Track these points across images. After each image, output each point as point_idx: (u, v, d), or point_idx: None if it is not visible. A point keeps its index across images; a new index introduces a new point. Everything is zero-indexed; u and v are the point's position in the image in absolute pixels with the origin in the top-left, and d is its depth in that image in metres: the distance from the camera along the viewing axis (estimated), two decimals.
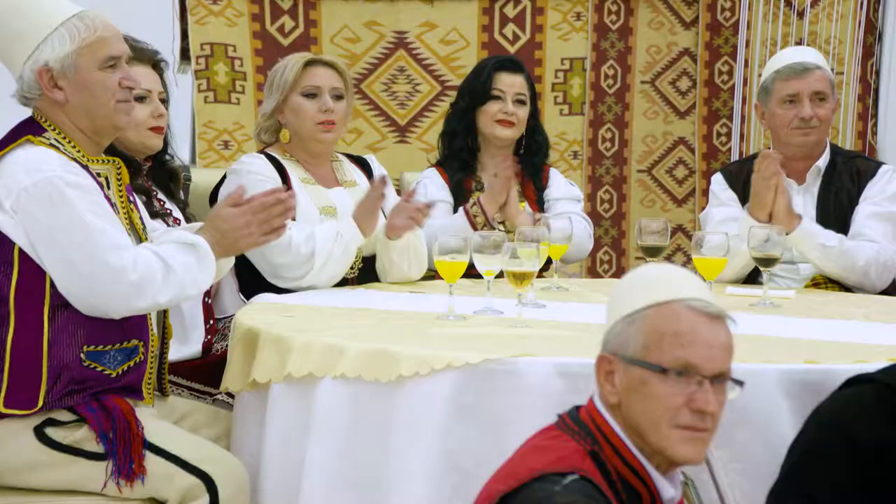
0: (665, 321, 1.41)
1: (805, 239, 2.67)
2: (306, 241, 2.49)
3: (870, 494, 1.58)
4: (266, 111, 2.64)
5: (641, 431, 1.42)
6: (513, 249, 2.17)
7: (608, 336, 1.47)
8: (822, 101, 2.77)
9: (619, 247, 3.81)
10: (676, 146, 3.79)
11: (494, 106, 2.91)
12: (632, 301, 1.44)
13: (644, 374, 1.40)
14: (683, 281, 1.44)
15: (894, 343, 1.92)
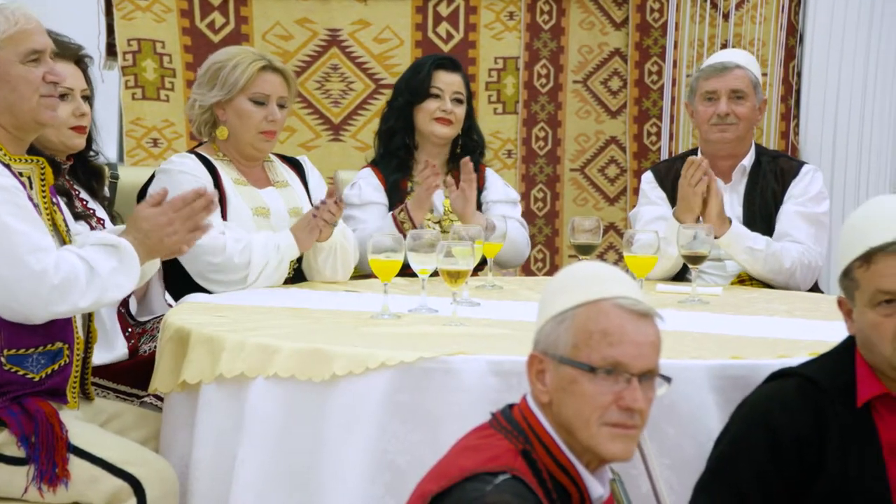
0: (593, 320, 1.42)
1: (734, 242, 2.73)
2: (242, 251, 2.47)
3: (790, 485, 1.62)
4: (203, 104, 2.58)
5: (572, 429, 1.43)
6: (447, 248, 2.17)
7: (539, 335, 1.48)
8: (739, 100, 2.82)
9: (552, 245, 3.84)
10: (608, 145, 3.84)
11: (433, 104, 2.91)
12: (561, 300, 1.45)
13: (574, 373, 1.41)
14: (611, 279, 1.46)
15: (815, 338, 1.97)
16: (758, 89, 2.86)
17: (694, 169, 2.70)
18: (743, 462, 1.65)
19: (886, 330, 1.57)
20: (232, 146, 2.62)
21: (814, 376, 1.67)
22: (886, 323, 1.57)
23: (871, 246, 1.57)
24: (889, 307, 1.56)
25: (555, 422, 1.45)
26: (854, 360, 1.66)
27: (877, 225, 1.59)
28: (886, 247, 1.56)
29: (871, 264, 1.57)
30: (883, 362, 1.60)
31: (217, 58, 2.61)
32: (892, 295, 1.56)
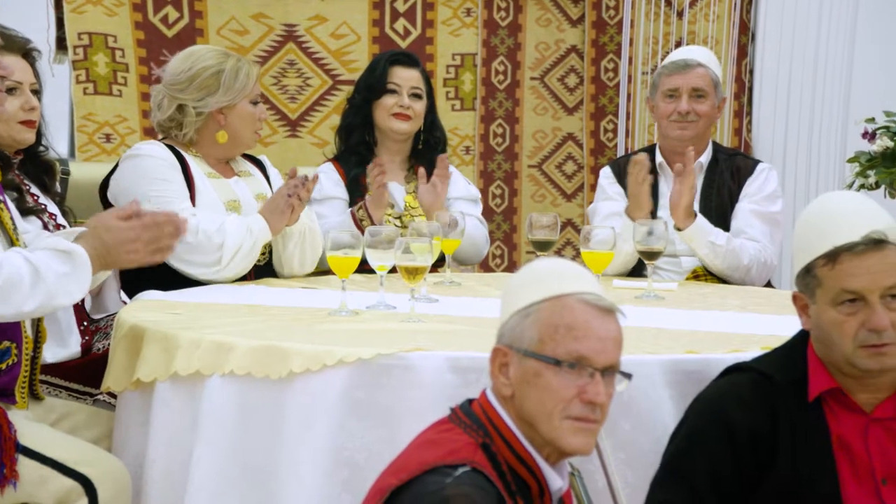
0: (559, 314, 1.43)
1: (697, 236, 2.76)
2: (217, 231, 2.46)
3: (744, 478, 1.65)
4: (203, 109, 2.56)
5: (534, 422, 1.44)
6: (405, 244, 2.17)
7: (503, 329, 1.48)
8: (700, 98, 2.86)
9: (510, 241, 3.86)
10: (565, 142, 3.86)
11: (390, 100, 2.90)
12: (526, 295, 1.45)
13: (538, 366, 1.42)
14: (576, 275, 1.47)
15: (768, 332, 1.99)
16: (718, 88, 2.89)
17: (639, 168, 2.73)
18: (698, 457, 1.67)
19: (848, 328, 1.59)
20: (224, 147, 2.61)
21: (767, 371, 1.69)
22: (849, 321, 1.59)
23: (836, 245, 1.59)
24: (852, 306, 1.58)
25: (516, 415, 1.45)
26: (806, 355, 1.68)
27: (842, 224, 1.60)
28: (853, 247, 1.57)
29: (837, 264, 1.59)
30: (840, 359, 1.62)
31: (204, 62, 2.58)
32: (856, 295, 1.58)
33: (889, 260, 1.57)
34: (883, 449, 1.62)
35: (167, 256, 1.95)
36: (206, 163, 2.62)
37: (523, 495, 1.43)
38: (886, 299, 1.57)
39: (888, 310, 1.57)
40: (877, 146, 2.82)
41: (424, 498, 1.38)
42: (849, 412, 1.65)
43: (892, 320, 1.57)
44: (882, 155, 2.81)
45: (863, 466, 1.62)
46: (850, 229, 1.59)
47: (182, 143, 2.62)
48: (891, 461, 1.62)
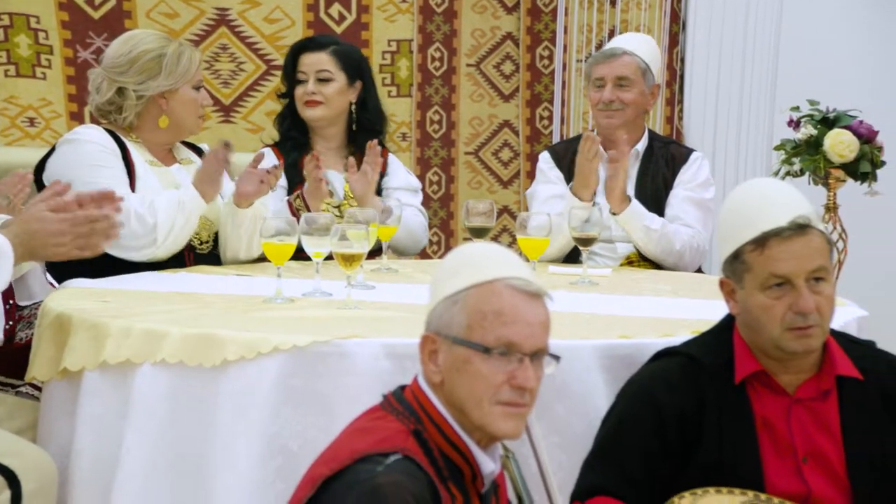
0: (487, 301, 1.42)
1: (631, 220, 2.80)
2: (148, 211, 2.43)
3: (673, 460, 1.69)
4: (144, 93, 2.52)
5: (464, 408, 1.44)
6: (342, 231, 2.16)
7: (431, 316, 1.48)
8: (624, 86, 2.89)
9: (447, 228, 3.86)
10: (502, 129, 3.88)
11: (300, 89, 2.87)
12: (454, 281, 1.45)
13: (467, 353, 1.42)
14: (503, 260, 1.47)
15: (698, 317, 2.03)
16: (647, 75, 2.91)
17: (590, 143, 2.76)
18: (629, 439, 1.70)
19: (776, 312, 1.63)
20: (166, 132, 2.57)
21: (695, 355, 1.73)
22: (777, 305, 1.63)
23: (764, 230, 1.62)
24: (780, 290, 1.62)
25: (447, 401, 1.46)
26: (732, 339, 1.72)
27: (769, 210, 1.63)
28: (781, 232, 1.61)
29: (765, 249, 1.62)
30: (768, 342, 1.66)
31: (146, 45, 2.53)
32: (784, 279, 1.62)
33: (813, 244, 1.61)
34: (804, 428, 1.67)
35: (96, 254, 1.90)
36: (148, 150, 2.58)
37: (455, 481, 1.44)
38: (811, 282, 1.61)
39: (813, 293, 1.61)
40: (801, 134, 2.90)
41: (356, 487, 1.38)
42: (772, 393, 1.69)
43: (816, 303, 1.61)
44: (806, 143, 2.89)
45: (785, 445, 1.67)
46: (776, 215, 1.62)
47: (122, 127, 2.58)
48: (811, 440, 1.67)
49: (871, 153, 2.87)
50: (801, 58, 3.65)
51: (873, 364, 1.71)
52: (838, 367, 1.68)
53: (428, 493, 1.38)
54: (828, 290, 1.62)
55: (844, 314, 2.08)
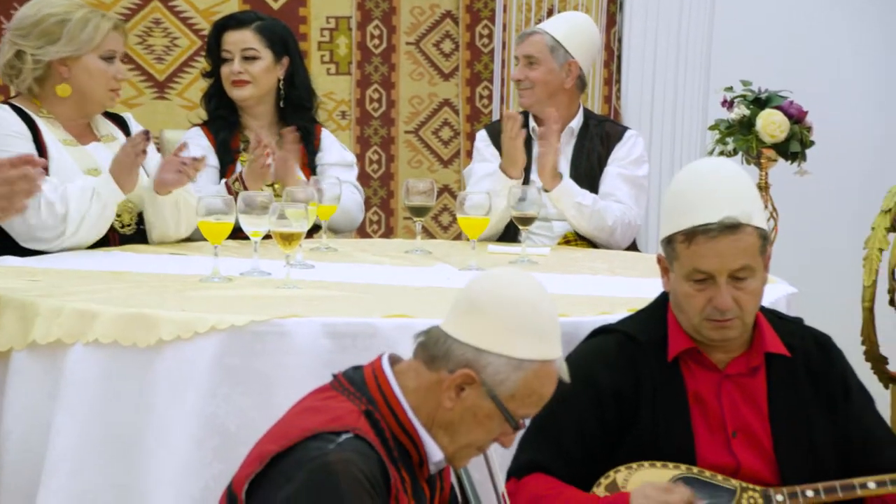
0: (542, 383, 1.45)
1: (563, 197, 2.83)
2: (60, 200, 2.35)
3: (609, 435, 1.72)
4: (41, 58, 2.43)
5: (451, 433, 1.46)
6: (280, 210, 2.14)
7: (481, 357, 1.42)
8: (531, 65, 2.90)
9: (387, 207, 3.85)
10: (442, 108, 3.87)
11: (226, 68, 2.82)
12: (524, 344, 1.42)
13: (495, 412, 1.43)
14: (558, 331, 1.47)
15: (634, 295, 2.06)
16: (556, 52, 2.90)
17: (511, 122, 2.77)
18: (566, 416, 1.72)
19: (697, 302, 1.67)
20: (73, 103, 2.49)
21: (631, 332, 1.76)
22: (698, 296, 1.67)
23: (694, 225, 1.65)
24: (703, 283, 1.66)
25: (429, 408, 1.45)
26: (667, 316, 1.75)
27: (701, 203, 1.66)
28: (707, 230, 1.64)
29: (693, 244, 1.65)
30: (689, 327, 1.71)
31: (52, 9, 2.45)
32: (706, 275, 1.65)
33: (739, 245, 1.64)
34: (734, 403, 1.71)
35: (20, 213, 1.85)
36: (61, 127, 2.50)
37: (405, 463, 1.45)
38: (733, 280, 1.65)
39: (734, 288, 1.65)
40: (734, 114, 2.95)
41: (306, 464, 1.37)
42: (704, 370, 1.73)
43: (735, 297, 1.65)
44: (739, 122, 2.94)
45: (715, 420, 1.71)
46: (709, 211, 1.65)
47: (26, 98, 2.49)
48: (740, 414, 1.71)
49: (801, 133, 2.94)
50: (734, 38, 3.71)
51: (801, 340, 1.76)
52: (767, 345, 1.72)
53: (378, 473, 1.39)
54: (752, 286, 1.65)
55: (774, 291, 2.14)
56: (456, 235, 3.68)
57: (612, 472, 1.68)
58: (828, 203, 3.52)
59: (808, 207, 3.44)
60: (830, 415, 1.71)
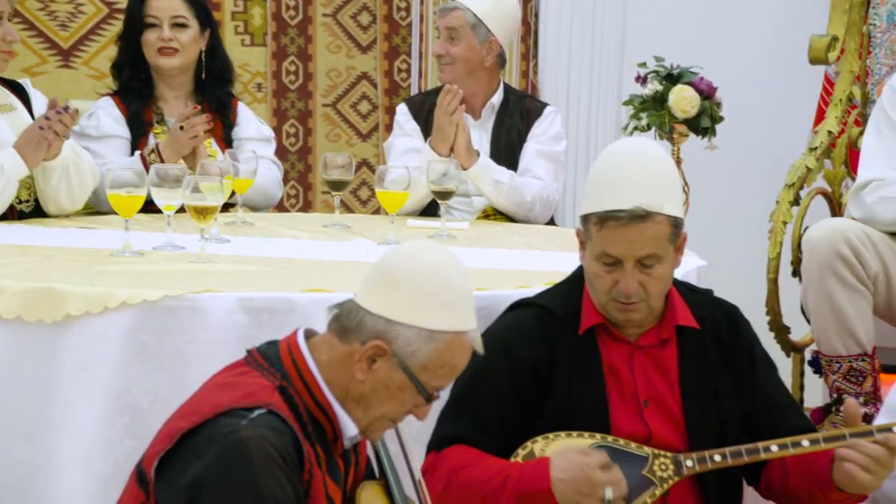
0: (454, 355, 1.44)
1: (480, 174, 2.84)
2: None
3: (527, 407, 1.75)
4: None
5: (364, 405, 1.45)
6: (194, 183, 2.09)
7: (392, 328, 1.42)
8: (453, 39, 2.89)
9: (305, 181, 3.81)
10: (360, 81, 3.83)
11: (152, 35, 2.73)
12: (437, 316, 1.41)
13: (409, 385, 1.43)
14: (473, 302, 1.46)
15: (551, 269, 2.09)
16: (478, 29, 2.90)
17: (451, 97, 2.77)
18: (484, 389, 1.74)
19: (605, 283, 1.71)
20: None
21: (548, 305, 1.79)
22: (606, 278, 1.71)
23: (607, 210, 1.68)
24: (611, 266, 1.70)
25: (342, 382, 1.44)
26: (582, 290, 1.79)
27: (616, 189, 1.69)
28: (618, 217, 1.67)
29: (604, 228, 1.69)
30: (597, 304, 1.75)
31: None
32: (614, 259, 1.69)
33: (647, 233, 1.68)
34: (646, 374, 1.76)
35: None
36: None
37: (319, 439, 1.44)
38: (640, 266, 1.69)
39: (641, 273, 1.69)
40: (648, 90, 3.00)
41: (217, 440, 1.36)
42: (617, 342, 1.77)
43: (642, 282, 1.69)
44: (652, 98, 2.99)
45: (628, 390, 1.75)
46: (622, 197, 1.68)
47: None
48: (652, 384, 1.76)
49: (711, 109, 3.01)
50: (648, 14, 3.76)
51: (710, 311, 1.81)
52: (678, 318, 1.77)
53: (291, 448, 1.38)
54: (659, 272, 1.69)
55: (686, 264, 2.19)
56: (375, 210, 3.66)
57: (530, 442, 1.71)
58: (737, 178, 3.62)
59: (719, 182, 3.53)
60: (737, 383, 1.77)
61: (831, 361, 2.46)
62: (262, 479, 1.33)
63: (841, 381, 2.45)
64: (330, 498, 1.43)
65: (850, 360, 2.43)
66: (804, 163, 2.75)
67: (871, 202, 2.43)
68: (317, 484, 1.40)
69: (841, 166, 2.84)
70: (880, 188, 2.43)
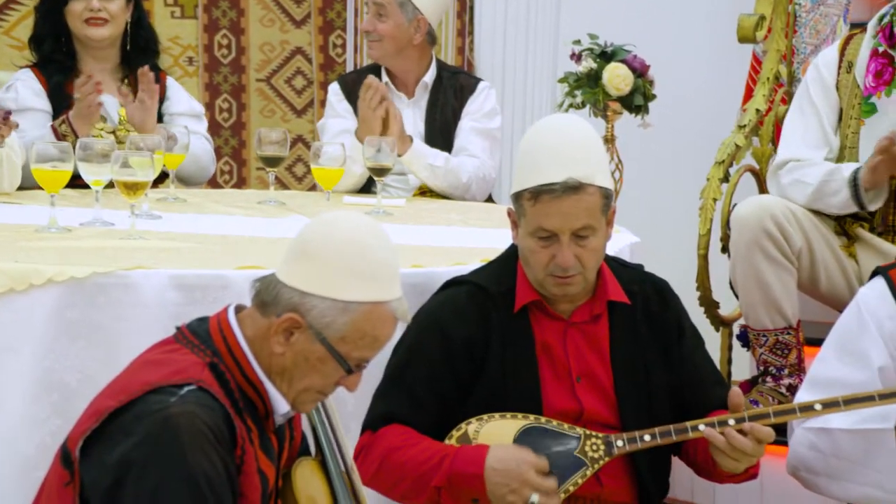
0: (373, 324, 1.42)
1: (415, 160, 2.84)
2: None
3: (460, 384, 1.76)
4: None
5: (287, 379, 1.44)
6: (123, 158, 2.05)
7: (307, 301, 1.40)
8: (381, 16, 2.88)
9: (239, 157, 3.76)
10: (294, 56, 3.78)
11: (78, 5, 2.66)
12: (352, 286, 1.40)
13: (328, 357, 1.41)
14: (396, 270, 1.45)
15: (487, 245, 2.10)
16: (406, 7, 2.88)
17: (372, 92, 2.75)
18: (419, 366, 1.75)
19: (541, 258, 1.72)
20: None
21: (482, 283, 1.80)
22: (542, 252, 1.72)
23: (540, 184, 1.69)
24: (547, 241, 1.71)
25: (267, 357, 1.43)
26: (516, 268, 1.80)
27: (547, 163, 1.70)
28: (552, 190, 1.68)
29: (538, 202, 1.70)
30: (534, 281, 1.76)
31: None
32: (550, 233, 1.71)
33: (582, 205, 1.70)
34: (579, 350, 1.78)
35: None
36: None
37: (251, 415, 1.43)
38: (576, 238, 1.71)
39: (576, 246, 1.71)
40: (582, 67, 3.03)
41: (146, 418, 1.34)
42: (550, 319, 1.79)
43: (577, 254, 1.71)
44: (587, 76, 3.01)
45: (561, 366, 1.77)
46: (554, 171, 1.69)
47: None
48: (584, 360, 1.78)
49: (644, 87, 3.05)
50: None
51: (641, 286, 1.84)
52: (610, 293, 1.79)
53: (223, 425, 1.37)
54: (593, 244, 1.72)
55: (619, 241, 2.23)
56: (311, 187, 3.63)
57: (464, 424, 1.72)
58: (669, 155, 3.68)
59: (651, 160, 3.59)
60: (666, 356, 1.81)
61: (758, 335, 2.53)
62: (193, 456, 1.32)
63: (767, 354, 2.52)
64: (263, 474, 1.42)
65: (776, 334, 2.49)
66: (733, 140, 2.81)
67: (786, 183, 2.50)
68: (249, 460, 1.40)
69: (768, 144, 2.91)
70: (796, 169, 2.49)
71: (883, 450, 1.65)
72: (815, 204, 2.47)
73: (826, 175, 2.45)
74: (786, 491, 2.37)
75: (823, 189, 2.44)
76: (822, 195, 2.45)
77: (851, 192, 2.41)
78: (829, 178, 2.44)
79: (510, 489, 1.64)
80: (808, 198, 2.46)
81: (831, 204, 2.46)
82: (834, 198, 2.44)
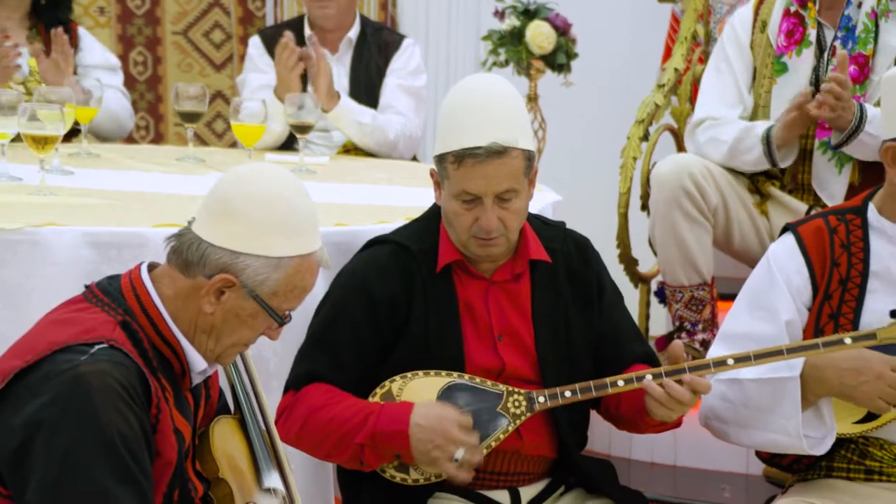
0: (302, 276, 1.42)
1: (343, 116, 2.81)
2: None
3: (383, 343, 1.76)
4: None
5: (215, 336, 1.43)
6: (31, 111, 1.97)
7: (242, 260, 1.39)
8: None
9: (156, 112, 3.66)
10: (212, 8, 3.68)
11: None
12: (280, 242, 1.39)
13: (259, 311, 1.42)
14: (315, 220, 1.45)
15: (412, 204, 2.10)
16: None
17: (288, 53, 2.70)
18: (341, 326, 1.74)
19: (465, 221, 1.72)
20: None
21: (404, 242, 1.79)
22: (466, 215, 1.72)
23: (464, 147, 1.68)
24: (470, 204, 1.71)
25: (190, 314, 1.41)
26: (439, 228, 1.80)
27: (471, 126, 1.69)
28: (475, 154, 1.68)
29: (461, 166, 1.69)
30: (458, 242, 1.77)
31: None
32: (474, 196, 1.71)
33: (505, 168, 1.70)
34: (500, 308, 1.80)
35: None
36: None
37: (166, 374, 1.41)
38: (499, 201, 1.72)
39: (500, 208, 1.71)
40: (506, 25, 3.02)
41: (55, 377, 1.31)
42: (472, 278, 1.80)
43: (500, 217, 1.72)
44: (510, 34, 3.01)
45: (483, 325, 1.78)
46: (477, 134, 1.68)
47: None
48: (506, 318, 1.80)
49: (567, 45, 3.07)
50: None
51: (562, 244, 1.86)
52: (531, 252, 1.81)
53: (137, 383, 1.34)
54: (516, 206, 1.72)
55: (541, 199, 2.25)
56: (231, 143, 3.57)
57: (388, 381, 1.73)
58: (591, 114, 3.71)
59: (574, 118, 3.62)
60: (586, 313, 1.83)
61: (675, 291, 2.59)
62: (106, 415, 1.29)
63: (683, 310, 2.59)
64: (179, 433, 1.41)
65: (692, 290, 2.56)
66: (653, 99, 2.85)
67: (703, 141, 2.55)
68: (165, 419, 1.38)
69: (686, 103, 2.96)
70: (712, 127, 2.55)
71: (788, 397, 1.72)
72: (731, 161, 2.53)
73: (740, 133, 2.51)
74: (698, 440, 2.46)
75: (738, 146, 2.50)
76: (736, 153, 2.51)
77: (764, 149, 2.48)
78: (743, 136, 2.50)
79: (434, 445, 1.65)
80: (723, 155, 2.52)
81: (745, 161, 2.52)
82: (748, 155, 2.50)
